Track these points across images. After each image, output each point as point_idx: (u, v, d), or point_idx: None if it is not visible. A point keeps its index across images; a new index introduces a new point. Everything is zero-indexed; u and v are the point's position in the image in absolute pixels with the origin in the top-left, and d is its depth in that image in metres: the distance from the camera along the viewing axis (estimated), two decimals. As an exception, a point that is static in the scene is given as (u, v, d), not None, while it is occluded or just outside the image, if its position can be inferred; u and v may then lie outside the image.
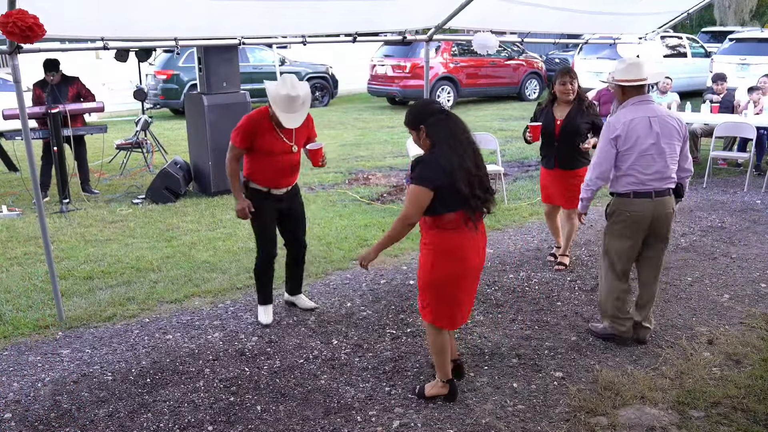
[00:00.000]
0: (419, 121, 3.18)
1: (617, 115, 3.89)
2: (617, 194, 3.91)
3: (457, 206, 3.09)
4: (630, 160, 3.79)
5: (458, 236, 3.15)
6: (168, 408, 3.45)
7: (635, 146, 3.77)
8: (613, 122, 3.84)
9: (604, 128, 3.90)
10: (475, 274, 3.31)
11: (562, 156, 5.15)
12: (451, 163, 3.05)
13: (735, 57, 14.14)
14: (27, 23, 3.40)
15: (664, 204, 3.84)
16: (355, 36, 5.99)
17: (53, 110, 7.18)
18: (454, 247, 3.17)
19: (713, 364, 3.80)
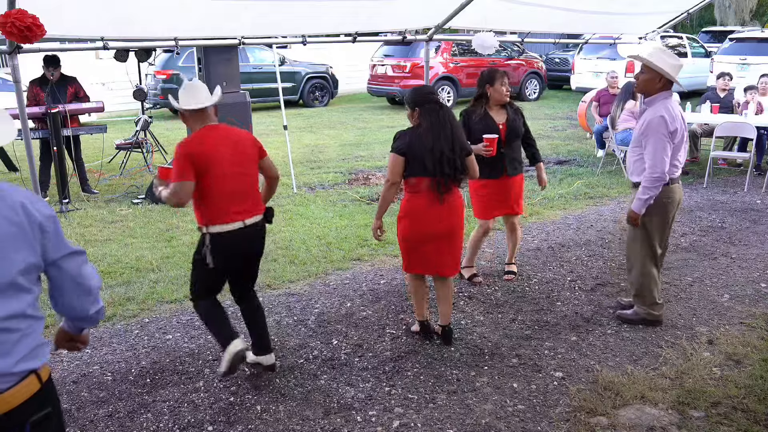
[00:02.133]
0: (417, 104, 3.80)
1: (665, 109, 3.97)
2: None
3: (419, 173, 3.74)
4: (677, 152, 4.07)
5: (420, 202, 3.81)
6: (168, 408, 3.45)
7: (682, 138, 4.07)
8: (667, 117, 3.95)
9: (658, 123, 3.93)
10: (436, 237, 3.85)
11: (509, 161, 4.83)
12: (422, 141, 3.69)
13: (735, 57, 14.14)
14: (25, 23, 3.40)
15: (682, 187, 4.27)
16: (355, 36, 5.99)
17: (53, 110, 7.18)
18: (412, 210, 3.84)
19: (713, 364, 3.80)
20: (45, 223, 1.83)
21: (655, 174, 3.98)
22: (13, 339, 1.78)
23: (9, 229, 1.75)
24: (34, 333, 1.84)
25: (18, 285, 1.78)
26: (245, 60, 14.36)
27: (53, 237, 1.86)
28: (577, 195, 7.66)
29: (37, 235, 1.81)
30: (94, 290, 2.01)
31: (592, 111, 10.03)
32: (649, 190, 4.03)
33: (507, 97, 4.77)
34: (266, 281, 5.12)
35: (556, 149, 10.41)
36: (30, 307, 1.82)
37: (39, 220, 1.82)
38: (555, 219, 6.80)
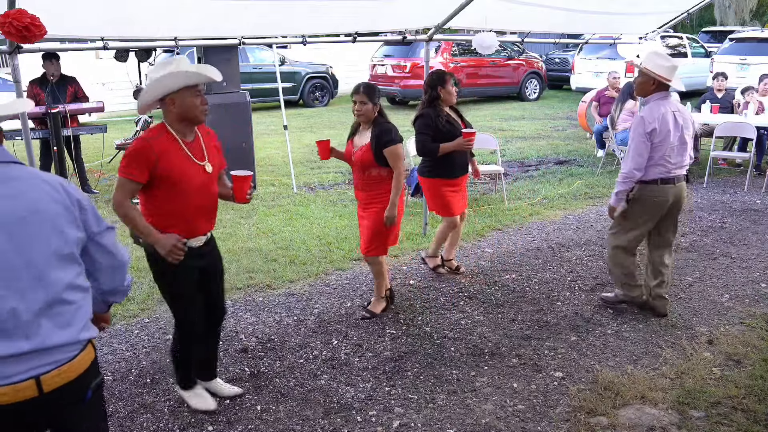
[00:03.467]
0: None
1: (649, 109, 4.15)
2: (643, 182, 4.21)
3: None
4: (661, 151, 4.14)
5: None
6: (168, 408, 3.45)
7: (666, 138, 4.13)
8: (647, 117, 4.11)
9: (638, 122, 4.13)
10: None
11: (465, 160, 4.94)
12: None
13: (735, 57, 14.14)
14: (24, 23, 3.40)
15: (683, 188, 4.31)
16: (355, 36, 5.99)
17: (53, 110, 7.18)
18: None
19: (713, 364, 3.80)
20: (83, 201, 2.02)
21: (625, 171, 4.18)
22: (73, 309, 1.94)
23: (56, 207, 1.92)
24: (87, 304, 2.02)
25: (73, 257, 1.97)
26: (245, 60, 14.36)
27: (91, 214, 2.04)
28: (577, 195, 7.66)
29: (77, 211, 1.98)
30: (126, 263, 2.20)
31: (592, 111, 10.03)
32: (620, 184, 4.23)
33: (455, 98, 4.90)
34: (266, 281, 5.13)
35: (556, 149, 10.41)
36: (81, 278, 2.00)
37: (77, 198, 2.00)
38: (555, 219, 6.80)
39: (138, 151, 2.91)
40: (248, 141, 7.79)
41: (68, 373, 1.92)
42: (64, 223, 1.93)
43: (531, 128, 12.43)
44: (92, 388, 2.03)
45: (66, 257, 1.94)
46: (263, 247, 5.87)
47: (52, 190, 1.93)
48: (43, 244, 1.88)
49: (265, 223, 6.61)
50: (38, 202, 1.89)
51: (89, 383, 2.01)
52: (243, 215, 6.90)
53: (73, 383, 1.94)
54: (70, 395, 1.95)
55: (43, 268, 1.88)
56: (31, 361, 1.85)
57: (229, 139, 7.58)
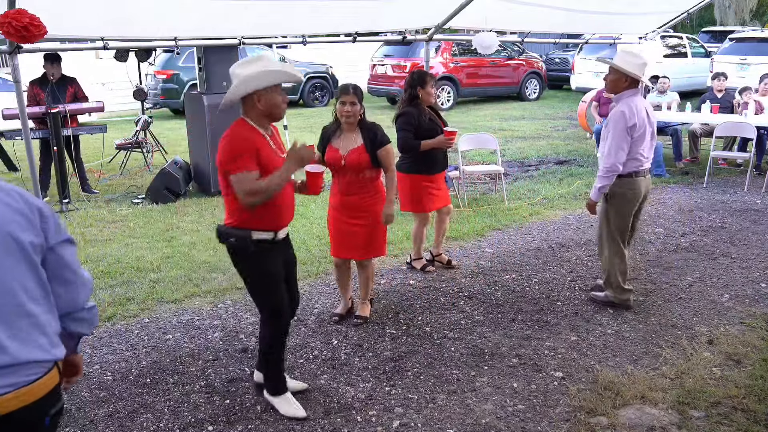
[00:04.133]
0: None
1: (627, 105, 4.24)
2: (619, 176, 4.30)
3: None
4: (639, 146, 4.27)
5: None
6: (168, 408, 3.45)
7: (643, 133, 4.27)
8: (627, 112, 4.21)
9: (618, 118, 4.23)
10: None
11: (444, 158, 5.06)
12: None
13: (735, 57, 14.14)
14: (22, 23, 3.40)
15: (649, 180, 4.50)
16: (355, 36, 5.99)
17: (53, 110, 7.19)
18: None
19: (713, 364, 3.80)
20: (44, 209, 1.88)
21: (608, 165, 4.26)
22: (35, 324, 1.79)
23: (13, 215, 1.79)
24: (52, 320, 1.86)
25: (34, 265, 1.82)
26: (245, 60, 14.33)
27: (52, 222, 1.89)
28: (577, 195, 7.66)
29: (37, 219, 1.85)
30: (88, 283, 2.01)
31: (592, 111, 10.03)
32: (603, 179, 4.32)
33: (434, 99, 4.95)
34: (266, 281, 5.13)
35: (556, 149, 10.41)
36: (44, 288, 1.85)
37: (38, 206, 1.86)
38: (555, 219, 6.79)
39: (239, 143, 2.98)
40: (248, 141, 7.77)
41: (26, 396, 1.75)
42: (20, 231, 1.79)
43: (531, 128, 12.43)
44: (50, 415, 1.84)
45: (25, 266, 1.80)
46: (263, 247, 5.87)
47: (7, 197, 1.81)
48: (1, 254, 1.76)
49: (265, 223, 6.61)
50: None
51: (48, 410, 1.82)
52: (243, 215, 6.89)
53: (30, 407, 1.76)
54: (25, 421, 1.78)
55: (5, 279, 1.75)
56: None
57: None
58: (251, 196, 2.95)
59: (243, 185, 2.94)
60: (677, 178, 8.41)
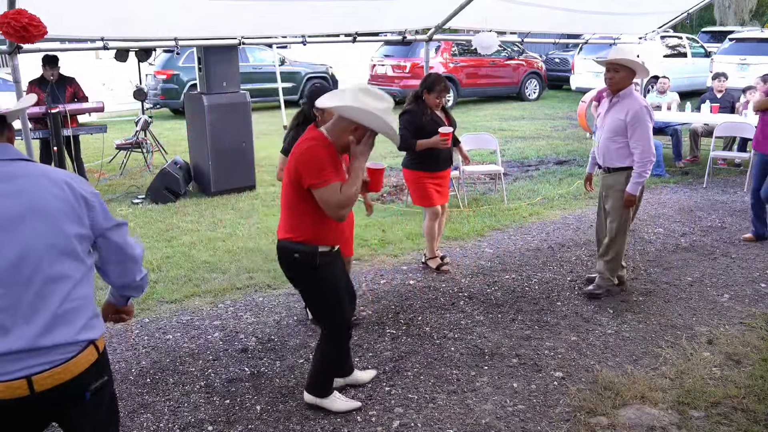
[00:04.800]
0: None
1: (641, 100, 4.46)
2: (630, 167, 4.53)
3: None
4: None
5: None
6: (168, 408, 3.45)
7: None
8: (647, 107, 4.45)
9: (643, 113, 4.41)
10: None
11: (449, 156, 5.15)
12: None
13: (735, 57, 14.14)
14: (21, 23, 3.40)
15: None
16: (355, 36, 5.99)
17: (53, 110, 7.19)
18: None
19: (713, 364, 3.80)
20: (90, 198, 1.99)
21: (647, 158, 4.43)
22: (73, 308, 1.92)
23: (57, 204, 1.91)
24: (89, 304, 1.99)
25: (75, 254, 1.94)
26: (245, 60, 14.35)
27: (99, 210, 2.01)
28: (577, 195, 7.66)
29: (83, 208, 1.96)
30: (138, 258, 2.17)
31: (592, 111, 10.03)
32: (645, 172, 4.49)
33: (437, 107, 4.98)
34: (266, 281, 5.13)
35: (556, 149, 10.41)
36: (83, 276, 1.97)
37: (84, 195, 1.98)
38: (555, 219, 6.80)
39: (323, 154, 2.90)
40: (248, 141, 7.79)
41: (62, 374, 1.89)
42: (64, 221, 1.91)
43: (531, 128, 12.43)
44: (91, 390, 1.98)
45: (68, 254, 1.92)
46: (263, 247, 5.87)
47: (54, 187, 1.92)
48: (41, 242, 1.87)
49: (265, 223, 6.61)
50: (38, 200, 1.89)
51: (87, 386, 1.97)
52: (243, 215, 6.90)
53: (68, 385, 1.91)
54: (65, 396, 1.93)
55: (41, 267, 1.87)
56: (25, 361, 1.84)
57: (229, 139, 7.60)
58: (342, 209, 2.89)
59: (333, 198, 2.87)
60: (677, 178, 8.41)
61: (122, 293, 2.26)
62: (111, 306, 2.33)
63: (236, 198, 7.55)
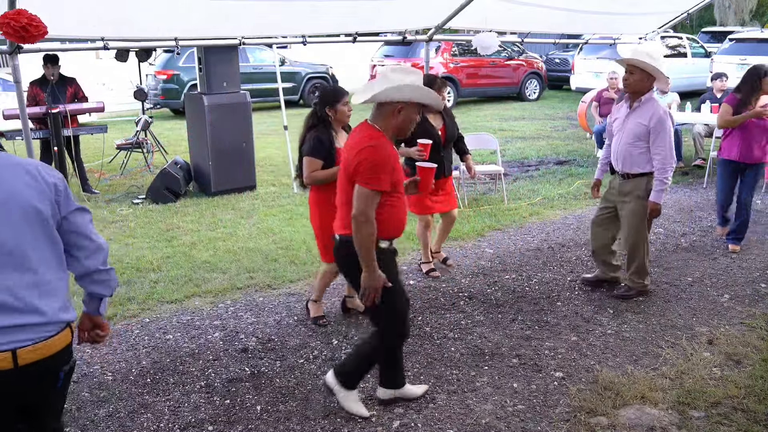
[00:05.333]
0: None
1: (661, 106, 4.41)
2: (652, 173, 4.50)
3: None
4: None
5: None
6: (168, 408, 3.45)
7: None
8: (669, 113, 4.44)
9: (665, 118, 4.36)
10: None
11: (447, 163, 5.03)
12: None
13: (735, 57, 14.13)
14: (21, 23, 3.40)
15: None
16: (355, 36, 6.00)
17: (53, 110, 7.19)
18: None
19: (713, 364, 3.80)
20: (58, 183, 2.12)
21: (669, 163, 4.38)
22: (49, 289, 2.06)
23: (31, 191, 2.04)
24: (65, 287, 2.13)
25: (52, 237, 2.08)
26: (245, 60, 14.36)
27: (65, 195, 2.14)
28: (577, 195, 7.67)
29: (51, 192, 2.08)
30: (101, 246, 2.24)
31: (592, 111, 10.03)
32: (667, 178, 4.42)
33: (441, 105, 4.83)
34: (267, 281, 5.13)
35: (556, 149, 10.42)
36: (59, 256, 2.12)
37: (53, 181, 2.11)
38: (555, 219, 6.80)
39: (384, 159, 2.91)
40: (248, 141, 7.80)
41: (43, 350, 2.02)
42: (39, 204, 2.04)
43: (531, 128, 12.43)
44: (64, 371, 2.13)
45: (43, 236, 2.05)
46: (263, 247, 5.88)
47: (26, 175, 2.05)
48: (18, 224, 2.00)
49: (265, 223, 6.62)
50: (12, 186, 2.01)
51: (62, 365, 2.12)
52: (243, 215, 6.90)
53: (47, 361, 2.04)
54: (42, 373, 2.06)
55: (20, 247, 2.00)
56: (10, 335, 1.97)
57: (230, 139, 7.60)
58: (364, 218, 2.89)
59: (367, 203, 2.88)
60: (677, 178, 8.41)
61: (90, 288, 2.28)
62: (85, 317, 2.38)
63: (236, 198, 7.56)
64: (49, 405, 2.17)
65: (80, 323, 2.38)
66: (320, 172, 4.00)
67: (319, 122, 4.05)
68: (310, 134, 4.06)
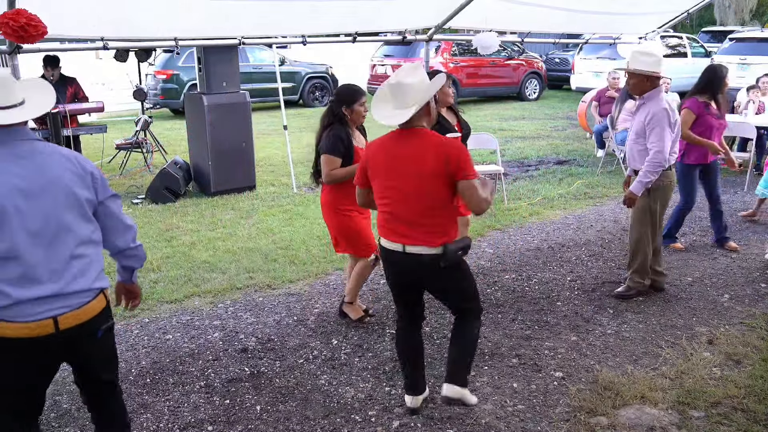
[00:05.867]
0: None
1: (665, 102, 4.42)
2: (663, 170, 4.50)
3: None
4: (676, 140, 4.55)
5: None
6: (167, 408, 3.45)
7: (679, 128, 4.57)
8: (668, 109, 4.41)
9: (663, 115, 4.37)
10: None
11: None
12: None
13: (735, 57, 14.12)
14: (19, 23, 3.40)
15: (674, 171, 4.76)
16: (355, 36, 5.99)
17: (53, 110, 7.19)
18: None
19: (713, 364, 3.80)
20: (95, 171, 2.43)
21: (658, 160, 4.38)
22: (87, 262, 2.36)
23: (71, 175, 2.33)
24: (99, 259, 2.43)
25: (87, 216, 2.38)
26: (245, 60, 14.35)
27: (101, 182, 2.43)
28: (577, 195, 7.66)
29: (89, 179, 2.39)
30: (132, 226, 2.56)
31: (592, 111, 10.03)
32: (651, 174, 4.43)
33: (452, 98, 4.76)
34: (266, 281, 5.13)
35: (556, 149, 10.41)
36: (94, 235, 2.41)
37: (90, 170, 2.41)
38: (555, 219, 6.79)
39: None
40: (248, 141, 7.79)
41: (81, 315, 2.33)
42: (78, 189, 2.33)
43: (531, 128, 12.43)
44: (103, 329, 2.44)
45: (81, 217, 2.35)
46: (263, 247, 5.87)
47: (68, 162, 2.35)
48: (62, 207, 2.29)
49: (264, 223, 6.62)
50: (57, 172, 2.30)
51: (100, 325, 2.42)
52: (243, 215, 6.90)
53: (85, 325, 2.35)
54: (82, 334, 2.36)
55: (63, 227, 2.29)
56: (52, 304, 2.26)
57: (229, 139, 7.60)
58: (487, 204, 3.20)
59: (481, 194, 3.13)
60: (677, 178, 8.40)
61: (123, 263, 2.63)
62: (120, 285, 2.74)
63: (236, 198, 7.55)
64: (94, 357, 2.48)
65: (116, 290, 2.76)
66: (339, 170, 3.97)
67: (335, 120, 4.05)
68: (327, 132, 4.04)
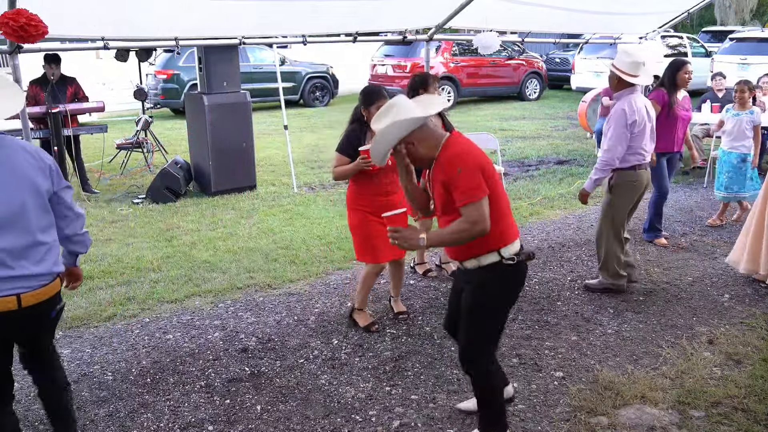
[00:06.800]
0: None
1: (627, 102, 4.47)
2: (622, 169, 4.59)
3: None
4: (640, 141, 4.53)
5: None
6: (168, 408, 3.45)
7: (643, 129, 4.53)
8: (627, 110, 4.45)
9: (619, 115, 4.45)
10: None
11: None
12: None
13: (735, 57, 14.13)
14: (19, 23, 3.40)
15: (649, 173, 4.79)
16: (355, 36, 5.99)
17: (53, 110, 7.19)
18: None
19: (713, 364, 3.80)
20: (51, 164, 2.67)
21: (606, 159, 4.51)
22: (48, 248, 2.62)
23: (33, 169, 2.57)
24: (56, 246, 2.69)
25: (46, 207, 2.63)
26: (245, 60, 14.36)
27: (56, 174, 2.67)
28: (577, 195, 7.65)
29: (47, 171, 2.62)
30: (81, 216, 2.84)
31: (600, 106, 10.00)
32: (600, 172, 4.59)
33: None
34: (267, 281, 5.13)
35: (556, 149, 10.41)
36: (52, 224, 2.67)
37: (48, 162, 2.65)
38: (555, 219, 6.80)
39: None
40: (248, 141, 7.80)
41: (40, 295, 2.60)
42: (40, 180, 2.57)
43: (531, 128, 12.43)
44: (56, 310, 2.73)
45: (41, 207, 2.59)
46: (263, 247, 5.87)
47: (30, 156, 2.58)
48: (26, 197, 2.52)
49: (265, 223, 6.62)
50: (20, 165, 2.53)
51: (54, 306, 2.71)
52: (243, 215, 6.90)
53: (42, 303, 2.62)
54: (39, 312, 2.63)
55: (26, 216, 2.53)
56: (15, 283, 2.53)
57: (230, 139, 7.60)
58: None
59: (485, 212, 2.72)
60: (677, 178, 8.40)
61: (70, 248, 2.87)
62: (65, 268, 2.91)
63: (236, 198, 7.55)
64: (44, 332, 2.80)
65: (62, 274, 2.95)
66: (342, 168, 4.05)
67: (355, 120, 4.16)
68: (346, 130, 4.17)
